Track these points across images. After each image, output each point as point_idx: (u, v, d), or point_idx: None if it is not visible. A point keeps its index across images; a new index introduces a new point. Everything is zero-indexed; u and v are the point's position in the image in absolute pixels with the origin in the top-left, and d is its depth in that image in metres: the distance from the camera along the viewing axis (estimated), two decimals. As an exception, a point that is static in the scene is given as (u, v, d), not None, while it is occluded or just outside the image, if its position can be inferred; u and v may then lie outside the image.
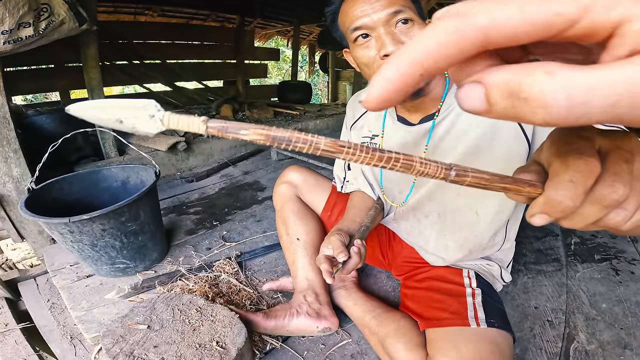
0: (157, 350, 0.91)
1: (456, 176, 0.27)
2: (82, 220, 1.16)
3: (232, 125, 0.25)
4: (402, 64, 0.20)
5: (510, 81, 0.18)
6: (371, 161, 0.25)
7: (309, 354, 1.14)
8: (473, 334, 0.92)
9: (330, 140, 0.25)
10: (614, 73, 0.16)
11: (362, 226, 1.06)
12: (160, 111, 0.26)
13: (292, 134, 0.25)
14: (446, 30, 0.18)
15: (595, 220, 0.27)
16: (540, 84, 0.17)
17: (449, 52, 0.18)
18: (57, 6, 1.73)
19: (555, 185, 0.25)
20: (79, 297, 1.33)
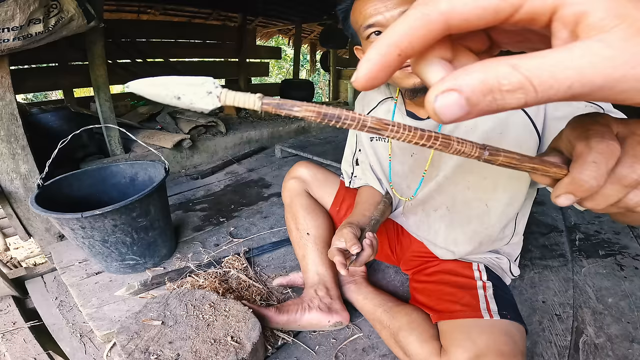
0: (172, 346, 0.92)
1: (489, 155, 0.28)
2: (94, 216, 1.16)
3: (286, 102, 0.26)
4: (382, 46, 0.23)
5: (486, 80, 0.20)
6: (413, 139, 0.26)
7: (321, 348, 1.15)
8: (487, 325, 0.92)
9: (376, 119, 0.26)
10: (559, 59, 0.19)
11: (373, 219, 1.07)
12: (218, 88, 0.27)
13: (342, 111, 0.26)
14: (415, 16, 0.22)
15: (616, 200, 0.28)
16: (516, 75, 0.19)
17: (419, 34, 0.22)
18: (67, 3, 1.73)
19: (581, 166, 0.27)
20: (89, 294, 1.33)
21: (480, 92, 0.20)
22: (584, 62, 0.18)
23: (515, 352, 0.87)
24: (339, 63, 7.26)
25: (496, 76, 0.20)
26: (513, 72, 0.19)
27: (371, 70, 0.24)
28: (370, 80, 0.24)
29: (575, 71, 0.19)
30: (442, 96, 0.21)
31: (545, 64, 0.19)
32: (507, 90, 0.20)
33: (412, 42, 0.22)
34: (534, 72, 0.19)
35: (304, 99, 2.79)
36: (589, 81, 0.19)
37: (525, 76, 0.19)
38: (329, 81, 7.82)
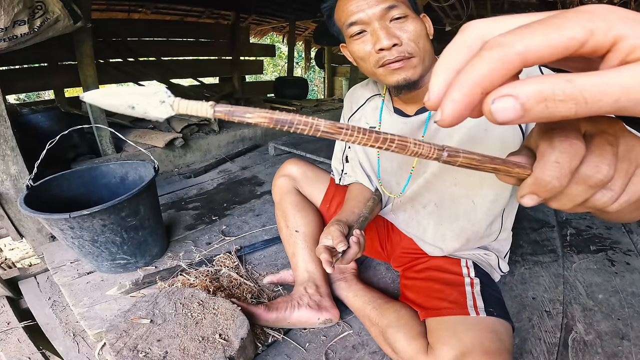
0: (161, 344, 0.92)
1: (448, 157, 0.28)
2: (83, 216, 1.16)
3: (238, 110, 0.27)
4: (465, 87, 0.24)
5: (543, 89, 0.22)
6: (368, 142, 0.27)
7: (311, 345, 1.15)
8: (473, 323, 0.93)
9: (329, 123, 0.26)
10: (610, 78, 0.21)
11: (361, 217, 1.07)
12: (171, 97, 0.27)
13: (294, 117, 0.26)
14: (494, 58, 0.23)
15: (582, 200, 0.28)
16: (570, 88, 0.22)
17: (500, 73, 0.23)
18: (52, 4, 1.73)
19: (543, 166, 0.27)
20: (81, 293, 1.33)
21: (535, 100, 0.22)
22: (632, 81, 0.21)
23: (501, 350, 0.88)
24: (334, 60, 7.26)
25: (552, 87, 0.22)
26: (568, 85, 0.22)
27: (457, 110, 0.25)
28: (456, 119, 0.26)
29: (623, 88, 0.21)
30: (500, 100, 0.23)
31: (597, 81, 0.21)
32: (561, 100, 0.22)
33: (493, 81, 0.24)
34: (587, 86, 0.21)
35: (298, 96, 2.83)
36: (634, 97, 0.21)
37: (578, 89, 0.22)
38: (324, 78, 7.82)
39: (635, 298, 1.37)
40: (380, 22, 0.86)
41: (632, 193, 0.29)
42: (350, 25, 0.90)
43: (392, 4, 0.85)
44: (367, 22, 0.87)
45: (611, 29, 0.22)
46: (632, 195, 0.29)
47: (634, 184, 0.29)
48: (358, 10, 0.87)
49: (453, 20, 4.79)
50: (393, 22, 0.86)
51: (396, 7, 0.85)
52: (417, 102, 1.02)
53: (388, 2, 0.85)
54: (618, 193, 0.28)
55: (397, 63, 0.87)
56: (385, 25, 0.86)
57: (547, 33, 0.22)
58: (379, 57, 0.88)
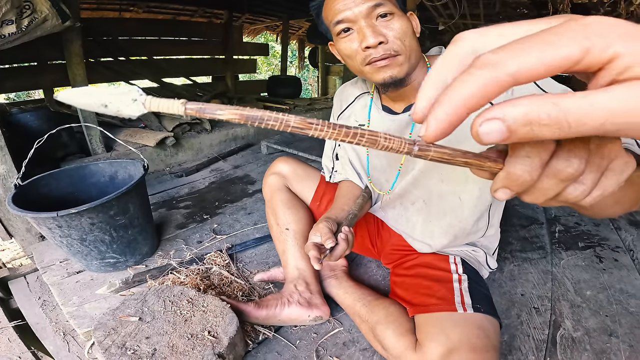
0: (149, 341, 0.92)
1: (419, 151, 0.29)
2: (70, 215, 1.16)
3: (209, 107, 0.27)
4: (450, 107, 0.24)
5: (529, 113, 0.22)
6: (338, 136, 0.27)
7: (302, 342, 1.16)
8: (460, 319, 0.94)
9: (299, 118, 0.27)
10: (596, 101, 0.21)
11: (350, 214, 1.08)
12: (142, 95, 0.28)
13: (264, 112, 0.27)
14: (484, 77, 0.23)
15: (554, 194, 0.29)
16: (555, 111, 0.22)
17: (488, 95, 0.23)
18: (40, 3, 1.72)
19: (514, 160, 0.28)
20: (70, 293, 1.32)
21: (521, 124, 0.22)
22: (617, 105, 0.21)
23: (488, 346, 0.88)
24: (327, 59, 7.26)
25: (538, 111, 0.22)
26: (553, 108, 0.22)
27: (440, 128, 0.25)
28: (440, 136, 0.26)
29: (608, 112, 0.21)
30: (487, 123, 0.23)
31: (583, 103, 0.21)
32: (545, 124, 0.22)
33: (480, 102, 0.24)
34: (571, 110, 0.21)
35: (291, 95, 2.85)
36: (620, 121, 0.21)
37: (563, 113, 0.21)
38: (317, 77, 7.82)
39: (623, 295, 1.37)
40: (366, 20, 0.86)
41: (605, 187, 0.29)
42: (337, 24, 0.90)
43: (378, 2, 0.85)
44: (354, 20, 0.88)
45: (608, 46, 0.21)
46: (605, 190, 0.29)
47: (607, 178, 0.29)
48: (345, 9, 0.87)
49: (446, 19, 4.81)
50: (379, 20, 0.87)
51: (382, 5, 0.86)
52: (404, 100, 1.03)
53: (374, 0, 0.85)
54: (590, 187, 0.29)
55: (383, 61, 0.88)
56: (371, 24, 0.86)
57: (541, 51, 0.22)
58: (366, 55, 0.88)
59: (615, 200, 0.49)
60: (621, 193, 0.47)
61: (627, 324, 1.23)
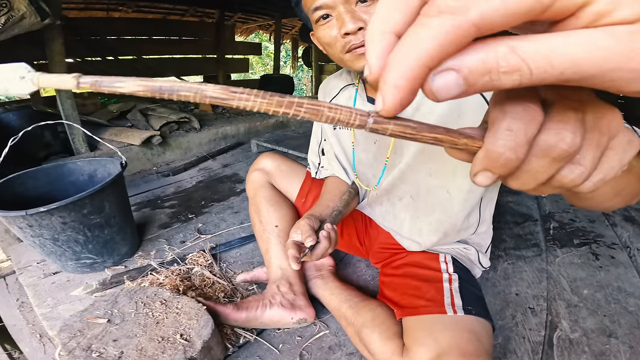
0: (117, 344, 0.87)
1: (374, 123, 0.23)
2: (40, 213, 1.10)
3: (106, 79, 0.24)
4: (408, 68, 0.20)
5: (485, 60, 0.19)
6: (270, 107, 0.22)
7: (285, 346, 1.10)
8: (450, 322, 0.89)
9: (219, 87, 0.22)
10: (557, 45, 0.18)
11: (334, 210, 1.03)
12: (31, 72, 0.27)
13: (176, 83, 0.22)
14: (443, 28, 0.19)
15: (546, 177, 0.24)
16: (514, 57, 0.19)
17: (449, 49, 0.20)
18: (17, 1, 1.70)
19: (494, 135, 0.23)
20: (45, 294, 1.28)
21: (479, 73, 0.20)
22: (580, 50, 0.18)
23: (480, 352, 0.83)
24: (321, 58, 7.24)
25: (495, 57, 0.19)
26: (511, 55, 0.19)
27: (400, 99, 0.21)
28: (401, 107, 0.22)
29: (570, 59, 0.18)
30: (441, 75, 0.20)
31: (542, 48, 0.19)
32: (504, 72, 0.19)
33: (442, 58, 0.20)
34: (531, 55, 0.19)
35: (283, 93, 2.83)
36: (582, 70, 0.18)
37: (522, 59, 0.19)
38: (311, 76, 7.79)
39: (621, 293, 1.34)
40: (345, 6, 0.81)
41: (606, 171, 0.25)
42: (316, 10, 0.85)
43: None
44: (332, 6, 0.82)
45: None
46: (607, 174, 0.25)
47: (609, 158, 0.24)
48: None
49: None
50: (359, 5, 0.81)
51: None
52: None
53: None
54: (589, 168, 0.24)
55: (363, 47, 0.83)
56: (350, 9, 0.81)
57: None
58: (345, 42, 0.83)
59: (616, 190, 0.44)
60: (622, 182, 0.43)
61: (627, 324, 1.19)
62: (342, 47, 0.85)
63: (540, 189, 0.26)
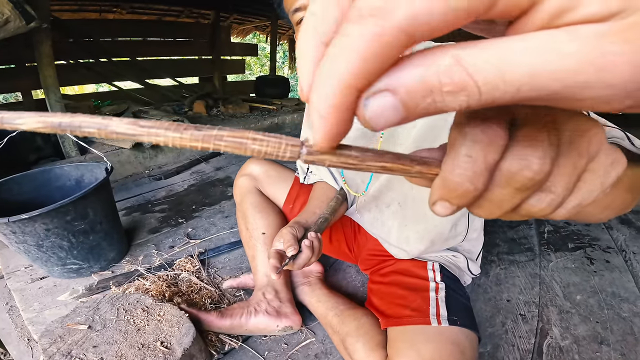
0: (97, 350, 0.87)
1: (308, 154, 0.20)
2: (22, 220, 1.09)
3: (7, 115, 0.21)
4: (331, 93, 0.16)
5: (426, 78, 0.15)
6: (184, 142, 0.19)
7: (270, 354, 1.09)
8: (434, 333, 0.88)
9: (127, 120, 0.20)
10: (509, 54, 0.14)
11: (320, 218, 1.01)
12: None
13: (78, 117, 0.20)
14: (364, 38, 0.15)
15: (511, 207, 0.21)
16: (459, 73, 0.15)
17: (377, 64, 0.15)
18: (1, 5, 1.68)
19: (452, 162, 0.19)
20: (31, 299, 1.29)
21: (419, 94, 0.16)
22: (536, 60, 0.14)
23: None
24: (317, 60, 7.23)
25: (437, 72, 0.15)
26: (456, 68, 0.15)
27: (331, 131, 0.18)
28: (336, 140, 0.18)
29: (526, 71, 0.14)
30: (374, 99, 0.16)
31: (492, 57, 0.14)
32: (449, 92, 0.15)
33: (370, 75, 0.16)
34: (480, 67, 0.14)
35: (279, 95, 2.82)
36: (542, 86, 0.14)
37: (468, 73, 0.15)
38: (308, 78, 7.79)
39: (615, 299, 1.32)
40: None
41: (584, 195, 0.21)
42: (296, 11, 0.84)
43: None
44: None
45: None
46: (584, 198, 0.21)
47: (587, 182, 0.21)
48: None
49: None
50: None
51: None
52: None
53: None
54: (561, 196, 0.20)
55: None
56: None
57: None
58: None
59: (603, 206, 0.39)
60: (609, 196, 0.38)
61: (619, 331, 1.18)
62: None
63: (508, 217, 0.22)
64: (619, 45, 0.13)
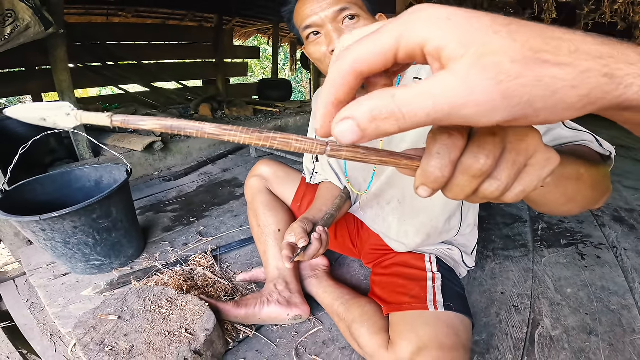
0: (127, 338, 0.95)
1: (332, 150, 0.30)
2: (53, 218, 1.18)
3: (133, 118, 0.30)
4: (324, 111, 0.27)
5: (373, 109, 0.23)
6: (251, 141, 0.29)
7: (282, 341, 1.17)
8: (431, 317, 0.96)
9: (214, 125, 0.29)
10: (421, 90, 0.22)
11: (326, 214, 1.10)
12: (74, 110, 0.32)
13: (183, 122, 0.29)
14: (333, 73, 0.26)
15: (470, 190, 0.30)
16: (392, 105, 0.23)
17: (344, 90, 0.26)
18: (22, 11, 1.75)
19: (427, 158, 0.29)
20: (56, 294, 1.35)
21: (368, 120, 0.23)
22: (437, 92, 0.21)
23: (457, 345, 0.90)
24: (318, 62, 7.26)
25: (378, 106, 0.23)
26: (390, 103, 0.23)
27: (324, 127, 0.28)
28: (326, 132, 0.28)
29: (432, 101, 0.21)
30: (341, 123, 0.24)
31: (413, 94, 0.22)
32: (385, 119, 0.23)
33: (341, 96, 0.26)
34: (405, 101, 0.22)
35: (281, 97, 2.92)
36: (440, 109, 0.22)
37: (397, 105, 0.22)
38: (309, 79, 7.84)
39: (604, 292, 1.38)
40: (333, 24, 0.89)
41: (526, 184, 0.30)
42: (306, 28, 0.93)
43: (343, 6, 0.88)
44: (321, 24, 0.90)
45: (415, 32, 0.23)
46: (527, 186, 0.30)
47: (527, 174, 0.29)
48: (312, 14, 0.90)
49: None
50: (347, 22, 0.90)
51: (348, 9, 0.89)
52: None
53: (340, 4, 0.88)
54: (505, 183, 0.29)
55: None
56: (338, 27, 0.89)
57: (369, 41, 0.24)
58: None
59: (566, 198, 0.49)
60: (572, 189, 0.48)
61: (608, 322, 1.23)
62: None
63: (470, 199, 0.32)
64: (475, 74, 0.21)
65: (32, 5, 1.78)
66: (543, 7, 3.51)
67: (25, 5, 1.75)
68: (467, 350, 0.92)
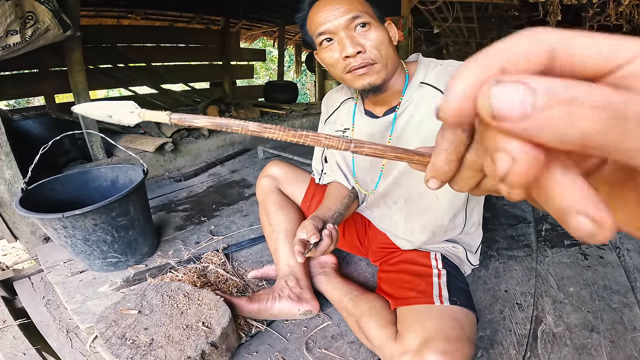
0: (147, 332, 0.99)
1: (355, 147, 0.34)
2: (75, 216, 1.23)
3: (188, 117, 0.35)
4: (481, 66, 0.20)
5: (569, 88, 0.16)
6: (287, 137, 0.34)
7: (292, 335, 1.22)
8: (437, 311, 1.00)
9: (257, 124, 0.34)
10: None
11: (336, 212, 1.14)
12: (138, 108, 0.36)
13: (230, 120, 0.34)
14: (520, 39, 0.19)
15: (474, 183, 0.33)
16: (614, 99, 0.16)
17: (525, 57, 0.19)
18: (42, 14, 1.80)
19: (437, 154, 0.32)
20: (74, 291, 1.38)
21: (558, 99, 0.16)
22: None
23: (462, 337, 0.94)
24: (324, 64, 7.31)
25: (579, 88, 0.16)
26: (599, 92, 0.16)
27: (469, 88, 0.21)
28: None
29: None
30: (503, 86, 0.17)
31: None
32: (592, 107, 0.16)
33: (514, 63, 0.19)
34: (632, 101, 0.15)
35: (287, 100, 3.00)
36: None
37: (625, 102, 0.15)
38: (314, 82, 7.89)
39: (606, 291, 1.39)
40: (345, 32, 0.94)
41: None
42: (320, 35, 0.98)
43: (355, 15, 0.93)
44: (334, 31, 0.95)
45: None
46: None
47: None
48: (325, 21, 0.95)
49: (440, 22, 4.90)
50: (358, 29, 0.95)
51: (360, 17, 0.94)
52: (385, 104, 1.11)
53: (352, 12, 0.93)
54: None
55: (362, 69, 0.95)
56: (350, 34, 0.94)
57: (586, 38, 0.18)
58: (346, 63, 0.96)
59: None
60: None
61: (609, 320, 1.25)
62: (344, 68, 0.98)
63: (474, 192, 0.35)
64: None
65: (51, 7, 1.83)
66: (548, 10, 3.53)
67: (45, 8, 1.80)
68: (471, 342, 0.96)
